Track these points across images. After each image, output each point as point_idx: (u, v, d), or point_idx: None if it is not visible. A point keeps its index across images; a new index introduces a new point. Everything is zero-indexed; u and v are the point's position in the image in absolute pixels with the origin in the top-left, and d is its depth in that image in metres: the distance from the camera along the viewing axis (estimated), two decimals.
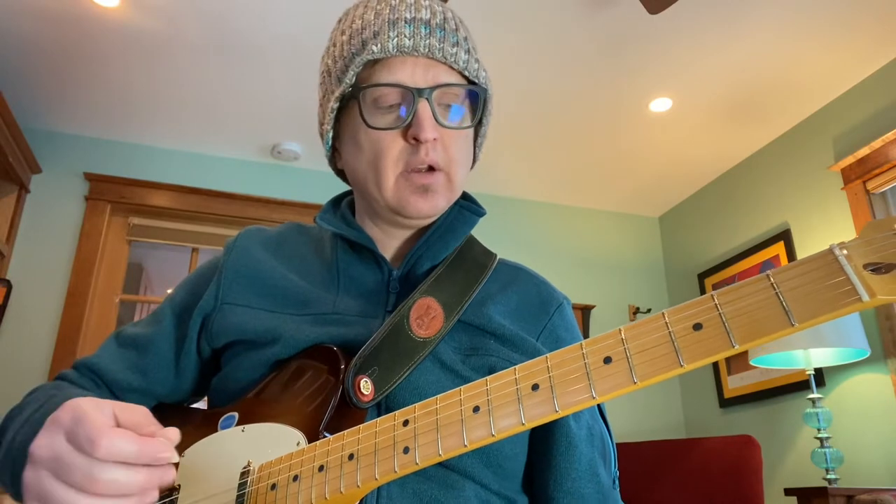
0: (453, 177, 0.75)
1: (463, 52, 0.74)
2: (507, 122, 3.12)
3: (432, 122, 0.71)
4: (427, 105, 0.71)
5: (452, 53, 0.73)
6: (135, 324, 0.83)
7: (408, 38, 0.72)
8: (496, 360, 0.71)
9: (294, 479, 0.59)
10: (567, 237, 3.84)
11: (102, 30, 2.52)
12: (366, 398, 0.64)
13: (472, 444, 0.52)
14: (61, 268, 3.02)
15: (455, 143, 0.75)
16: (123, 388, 0.77)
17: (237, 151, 3.38)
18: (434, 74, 0.73)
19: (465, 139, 0.77)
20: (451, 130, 0.74)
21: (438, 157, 0.73)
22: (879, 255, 0.42)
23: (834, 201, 2.85)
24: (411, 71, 0.72)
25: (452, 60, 0.73)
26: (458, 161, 0.75)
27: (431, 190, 0.73)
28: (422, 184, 0.73)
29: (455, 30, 0.75)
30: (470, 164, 0.80)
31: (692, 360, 0.46)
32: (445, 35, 0.73)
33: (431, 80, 0.72)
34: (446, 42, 0.73)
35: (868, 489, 2.16)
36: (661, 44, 2.59)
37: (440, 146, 0.73)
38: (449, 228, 0.79)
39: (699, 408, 3.54)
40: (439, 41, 0.73)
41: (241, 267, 0.79)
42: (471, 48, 0.76)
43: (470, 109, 0.76)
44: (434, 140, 0.72)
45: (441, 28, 0.73)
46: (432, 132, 0.71)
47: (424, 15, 0.74)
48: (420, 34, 0.72)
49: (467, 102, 0.76)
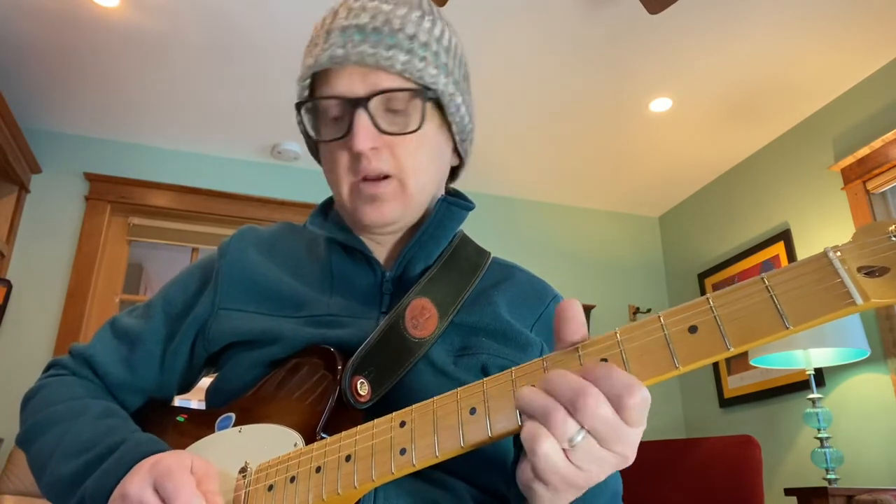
0: (407, 183, 0.73)
1: (402, 53, 0.71)
2: (506, 121, 3.12)
3: (368, 132, 0.69)
4: (364, 115, 0.70)
5: (387, 57, 0.70)
6: (130, 312, 0.84)
7: (339, 48, 0.70)
8: (487, 357, 0.72)
9: (291, 480, 0.59)
10: (567, 237, 3.84)
11: (102, 30, 2.52)
12: (362, 399, 0.64)
13: (468, 446, 0.52)
14: (61, 268, 3.02)
15: (405, 149, 0.72)
16: (114, 383, 0.78)
17: (237, 151, 3.38)
18: (374, 81, 0.70)
19: (420, 144, 0.73)
20: (398, 136, 0.71)
21: (384, 165, 0.72)
22: (873, 258, 0.42)
23: (834, 201, 2.85)
24: (349, 80, 0.71)
25: (388, 65, 0.70)
26: (411, 167, 0.73)
27: (380, 199, 0.73)
28: (369, 193, 0.72)
29: (397, 30, 0.71)
30: (435, 167, 0.77)
31: (687, 362, 0.47)
32: (381, 38, 0.70)
33: (371, 88, 0.70)
34: (380, 46, 0.70)
35: (868, 489, 2.16)
36: (661, 44, 2.59)
37: (386, 154, 0.72)
38: (439, 226, 0.78)
39: (699, 408, 3.54)
40: (372, 46, 0.70)
41: (236, 270, 0.80)
42: (416, 47, 0.72)
43: (421, 113, 0.72)
44: (374, 149, 0.71)
45: (377, 31, 0.71)
46: (366, 143, 0.69)
47: (362, 20, 0.71)
48: (352, 42, 0.70)
49: (419, 105, 0.72)
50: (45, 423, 0.72)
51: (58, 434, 0.70)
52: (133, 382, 0.79)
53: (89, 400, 0.74)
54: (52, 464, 0.67)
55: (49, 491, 0.68)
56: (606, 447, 0.47)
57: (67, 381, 0.77)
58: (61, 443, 0.68)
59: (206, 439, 0.70)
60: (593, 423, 0.45)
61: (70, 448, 0.67)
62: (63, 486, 0.66)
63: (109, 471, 0.63)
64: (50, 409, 0.73)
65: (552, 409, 0.46)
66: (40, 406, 0.74)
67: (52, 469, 0.67)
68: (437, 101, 0.74)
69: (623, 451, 0.47)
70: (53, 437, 0.70)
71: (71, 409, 0.72)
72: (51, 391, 0.76)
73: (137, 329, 0.80)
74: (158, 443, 0.67)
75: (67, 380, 0.78)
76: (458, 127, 0.78)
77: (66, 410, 0.72)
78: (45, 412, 0.73)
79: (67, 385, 0.76)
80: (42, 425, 0.72)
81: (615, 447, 0.47)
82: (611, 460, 0.47)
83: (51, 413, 0.72)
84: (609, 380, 0.46)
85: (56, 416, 0.71)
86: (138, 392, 0.80)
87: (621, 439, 0.46)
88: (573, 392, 0.46)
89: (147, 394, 0.81)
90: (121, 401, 0.78)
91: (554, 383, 0.47)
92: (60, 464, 0.67)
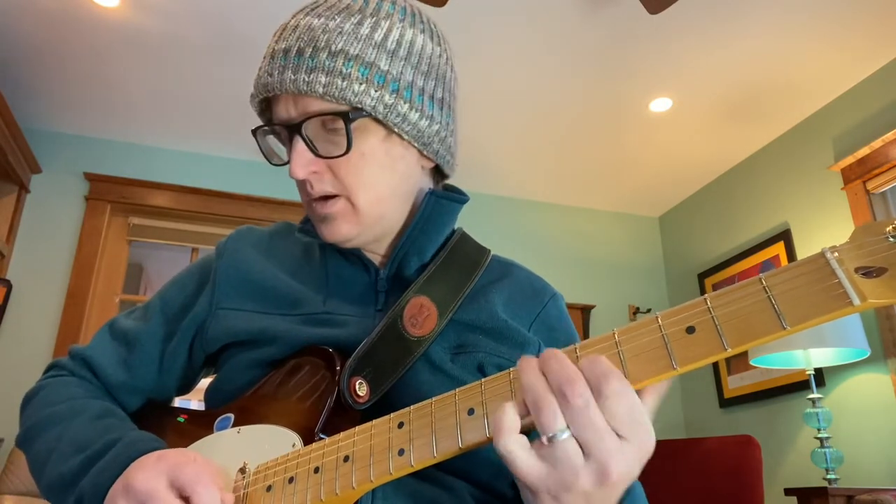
0: (355, 201, 0.71)
1: (323, 75, 0.67)
2: (507, 121, 3.12)
3: (304, 158, 0.69)
4: (299, 141, 0.69)
5: (308, 82, 0.67)
6: (128, 314, 0.85)
7: (269, 76, 0.70)
8: (484, 355, 0.71)
9: (290, 480, 0.59)
10: (567, 237, 3.84)
11: (102, 30, 2.52)
12: (361, 400, 0.64)
13: (467, 446, 0.52)
14: (61, 268, 3.02)
15: (345, 169, 0.71)
16: (113, 384, 0.79)
17: (237, 151, 3.39)
18: (303, 106, 0.69)
19: (361, 161, 0.71)
20: (335, 159, 0.70)
21: (327, 185, 0.71)
22: (870, 258, 0.42)
23: (834, 201, 2.85)
24: (284, 106, 0.71)
25: (308, 90, 0.68)
26: (356, 185, 0.71)
27: (330, 218, 0.73)
28: (320, 213, 0.73)
29: (321, 48, 0.68)
30: (388, 179, 0.73)
31: (685, 363, 0.47)
32: (302, 62, 0.68)
33: (301, 112, 0.69)
34: (301, 71, 0.68)
35: (868, 489, 2.16)
36: (661, 44, 2.59)
37: (328, 176, 0.71)
38: (429, 220, 0.77)
39: (699, 408, 3.54)
40: (293, 72, 0.68)
41: (233, 270, 0.80)
42: (338, 65, 0.68)
43: (346, 134, 0.69)
44: (315, 173, 0.71)
45: (300, 54, 0.68)
46: (303, 171, 0.69)
47: (289, 42, 0.70)
48: (279, 68, 0.69)
49: (343, 127, 0.69)
50: (45, 423, 0.72)
51: (56, 434, 0.70)
52: (132, 383, 0.79)
53: (88, 400, 0.74)
54: (51, 464, 0.68)
55: (48, 491, 0.68)
56: (587, 452, 0.44)
57: (67, 382, 0.77)
58: (59, 443, 0.69)
59: (204, 440, 0.70)
60: (577, 419, 0.44)
61: (68, 448, 0.67)
62: (61, 486, 0.66)
63: (106, 467, 0.63)
64: (49, 410, 0.73)
65: (544, 398, 0.46)
66: (40, 407, 0.74)
67: (51, 469, 0.67)
68: (372, 116, 0.71)
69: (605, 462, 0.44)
70: (52, 437, 0.70)
71: (70, 410, 0.72)
72: (50, 392, 0.76)
73: (136, 330, 0.80)
74: (156, 440, 0.67)
75: (67, 380, 0.78)
76: (411, 134, 0.73)
77: (65, 411, 0.72)
78: (44, 413, 0.73)
79: (67, 386, 0.77)
80: (41, 426, 0.72)
81: (597, 455, 0.44)
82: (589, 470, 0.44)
83: (50, 413, 0.72)
84: (590, 368, 0.46)
85: (55, 417, 0.72)
86: (137, 393, 0.80)
87: (605, 448, 0.44)
88: (563, 379, 0.45)
89: (146, 395, 0.81)
90: (120, 402, 0.79)
91: (549, 365, 0.47)
92: (58, 463, 0.67)
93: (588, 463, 0.44)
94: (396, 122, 0.72)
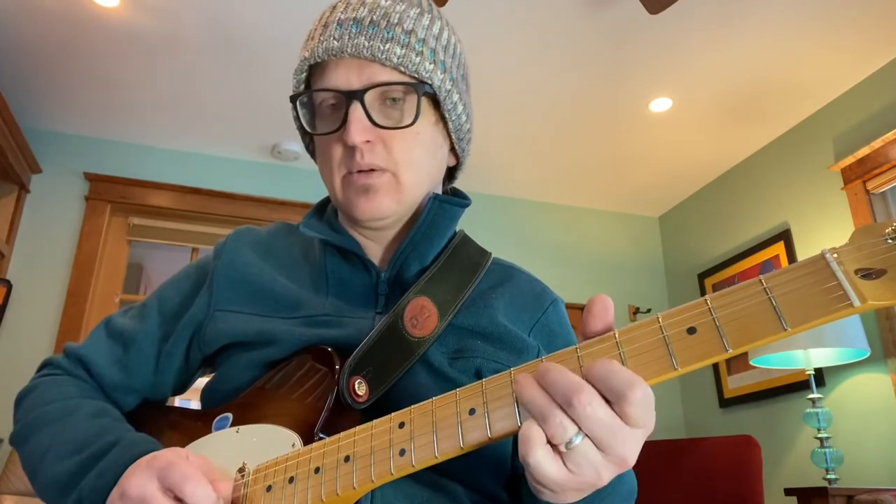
0: (401, 177, 0.72)
1: (398, 47, 0.70)
2: (507, 121, 3.12)
3: (362, 125, 0.69)
4: (358, 108, 0.69)
5: (384, 50, 0.69)
6: (124, 312, 0.84)
7: (336, 40, 0.70)
8: (482, 360, 0.71)
9: (290, 480, 0.59)
10: (567, 237, 3.84)
11: (102, 30, 2.52)
12: (360, 399, 0.64)
13: (468, 446, 0.52)
14: (61, 268, 3.02)
15: (400, 144, 0.72)
16: (108, 383, 0.78)
17: (237, 151, 3.38)
18: (369, 74, 0.70)
19: (415, 139, 0.73)
20: (393, 130, 0.71)
21: (377, 159, 0.71)
22: (870, 260, 0.42)
23: (834, 201, 2.85)
24: (346, 73, 0.71)
25: (384, 58, 0.69)
26: (406, 161, 0.72)
27: (373, 190, 0.72)
28: (362, 184, 0.72)
29: (395, 24, 0.71)
30: (430, 164, 0.76)
31: (686, 364, 0.47)
32: (377, 32, 0.70)
33: (366, 81, 0.70)
34: (377, 39, 0.70)
35: (868, 489, 2.16)
36: (661, 44, 2.59)
37: (380, 147, 0.71)
38: (431, 225, 0.77)
39: (699, 408, 3.54)
40: (369, 39, 0.69)
41: (231, 271, 0.79)
42: (413, 42, 0.71)
43: (416, 107, 0.71)
44: (368, 143, 0.70)
45: (374, 25, 0.70)
46: (360, 136, 0.69)
47: (360, 13, 0.71)
48: (349, 34, 0.70)
49: (415, 99, 0.71)
50: (39, 422, 0.71)
51: (51, 434, 0.69)
52: (127, 383, 0.78)
53: (82, 399, 0.73)
54: (46, 463, 0.67)
55: (43, 490, 0.68)
56: (604, 450, 0.46)
57: (61, 381, 0.77)
58: (55, 442, 0.68)
59: (203, 439, 0.70)
60: (589, 424, 0.45)
61: (64, 448, 0.67)
62: (58, 486, 0.65)
63: (106, 470, 0.62)
64: (43, 409, 0.72)
65: (549, 410, 0.46)
66: (34, 405, 0.74)
67: (46, 469, 0.67)
68: (433, 96, 0.74)
69: (622, 454, 0.46)
70: (47, 436, 0.69)
71: (64, 409, 0.71)
72: (44, 390, 0.75)
73: (132, 330, 0.80)
74: (153, 442, 0.67)
75: (61, 379, 0.77)
76: (455, 125, 0.77)
77: (60, 410, 0.71)
78: (38, 411, 0.72)
79: (61, 384, 0.76)
80: (35, 424, 0.71)
81: (614, 450, 0.46)
82: (609, 464, 0.46)
83: (44, 412, 0.72)
84: (609, 378, 0.45)
85: (49, 416, 0.71)
86: (132, 393, 0.79)
87: (619, 442, 0.45)
88: (568, 390, 0.45)
89: (142, 395, 0.80)
90: (115, 401, 0.78)
91: (550, 378, 0.46)
92: (54, 464, 0.66)
93: (606, 457, 0.46)
94: (449, 109, 0.75)
